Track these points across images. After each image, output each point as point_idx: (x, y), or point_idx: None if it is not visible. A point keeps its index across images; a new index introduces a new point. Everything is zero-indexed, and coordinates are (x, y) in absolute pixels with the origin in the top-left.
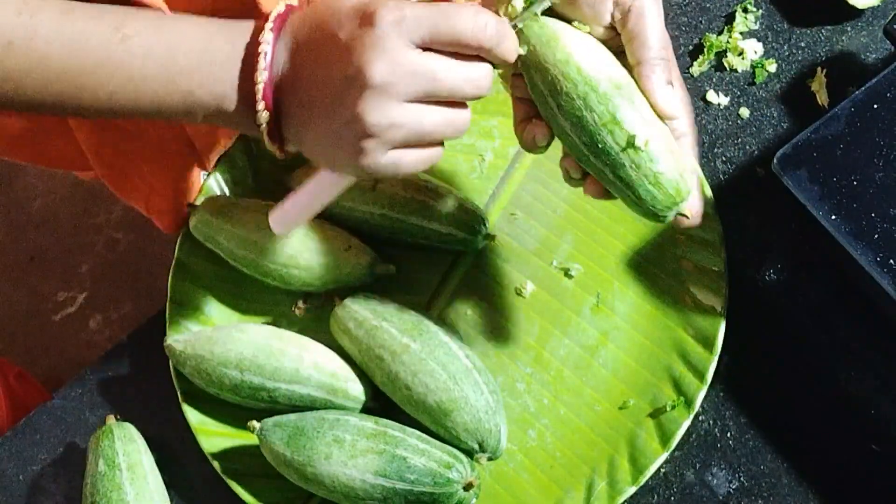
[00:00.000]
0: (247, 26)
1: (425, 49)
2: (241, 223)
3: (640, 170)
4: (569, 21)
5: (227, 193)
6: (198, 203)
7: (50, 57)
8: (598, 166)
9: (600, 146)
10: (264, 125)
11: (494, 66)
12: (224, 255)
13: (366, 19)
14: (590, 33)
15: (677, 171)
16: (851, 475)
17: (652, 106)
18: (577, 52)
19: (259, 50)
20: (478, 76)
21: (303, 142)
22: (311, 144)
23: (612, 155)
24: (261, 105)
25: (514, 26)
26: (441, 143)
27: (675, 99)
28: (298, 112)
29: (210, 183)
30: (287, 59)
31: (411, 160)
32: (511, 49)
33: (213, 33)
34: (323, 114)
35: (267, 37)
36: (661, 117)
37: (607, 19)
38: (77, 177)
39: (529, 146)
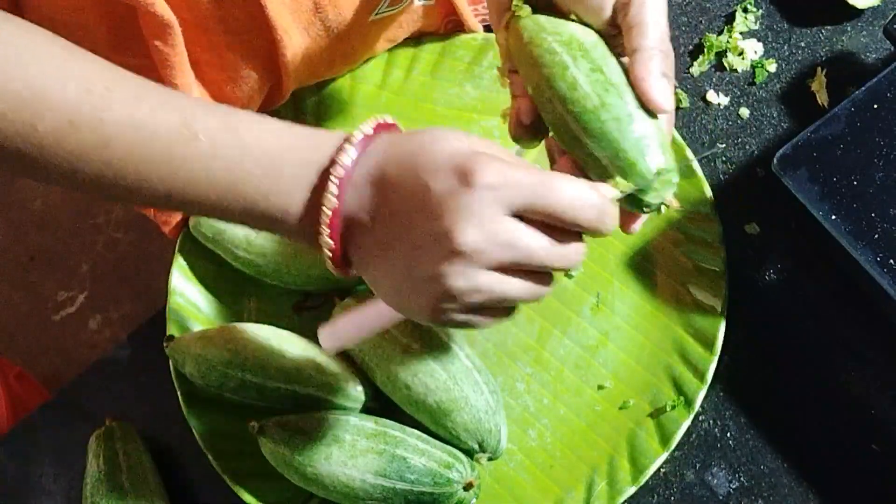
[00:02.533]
0: (329, 142)
1: (520, 217)
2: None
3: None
4: (567, 15)
5: None
6: None
7: (113, 144)
8: (582, 137)
9: (584, 109)
10: (329, 253)
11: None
12: (224, 255)
13: (463, 178)
14: (589, 26)
15: (663, 150)
16: (851, 475)
17: (643, 95)
18: (576, 30)
19: (331, 174)
20: (572, 254)
21: (371, 277)
22: (380, 283)
23: (594, 115)
24: (325, 231)
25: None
26: (515, 308)
27: (669, 92)
28: (374, 248)
29: None
30: (368, 189)
31: (484, 322)
32: (610, 226)
33: (289, 144)
34: (402, 262)
35: (344, 161)
36: (651, 110)
37: (608, 13)
38: None
39: (514, 129)
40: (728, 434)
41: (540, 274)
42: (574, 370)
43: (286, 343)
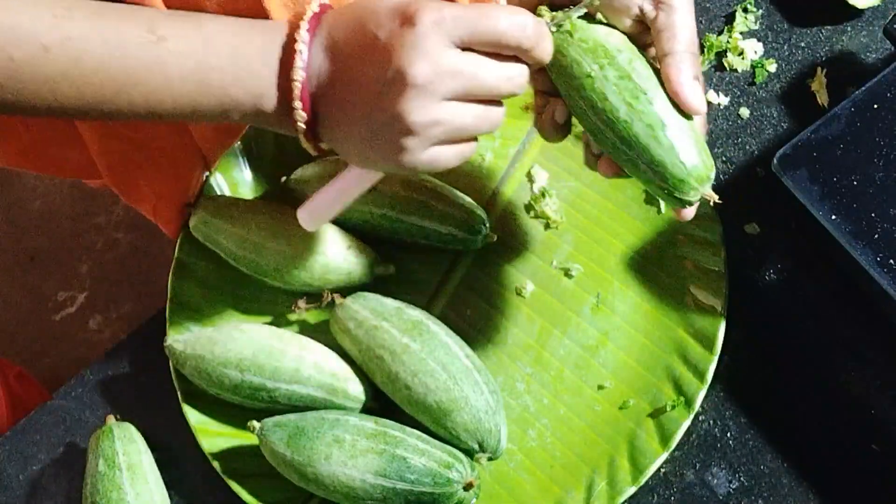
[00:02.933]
0: (281, 25)
1: (464, 49)
2: (241, 223)
3: (660, 142)
4: (593, 16)
5: (227, 193)
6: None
7: (86, 59)
8: (618, 144)
9: (615, 119)
10: (301, 125)
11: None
12: (224, 255)
13: (406, 19)
14: (614, 27)
15: (697, 148)
16: (851, 475)
17: (679, 100)
18: (600, 34)
19: (295, 48)
20: (516, 74)
21: (337, 140)
22: (346, 143)
23: (630, 127)
24: (297, 104)
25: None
26: (475, 138)
27: (702, 94)
28: (335, 112)
29: (210, 183)
30: (323, 57)
31: (448, 155)
32: (548, 50)
33: (248, 31)
34: (361, 113)
35: (303, 35)
36: (685, 111)
37: (635, 11)
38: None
39: (547, 129)
40: (728, 434)
41: (491, 101)
42: (574, 370)
43: (286, 343)
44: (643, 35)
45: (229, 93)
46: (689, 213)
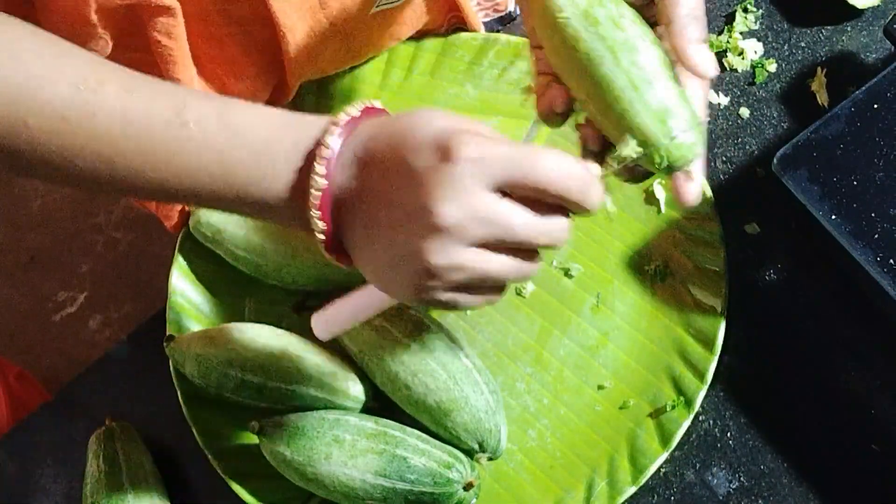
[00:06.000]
0: (317, 126)
1: (503, 193)
2: (241, 223)
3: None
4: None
5: None
6: None
7: (105, 137)
8: (602, 95)
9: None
10: (321, 236)
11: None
12: (224, 255)
13: (445, 153)
14: None
15: (675, 106)
16: (851, 475)
17: (685, 64)
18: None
19: (318, 155)
20: (555, 229)
21: (360, 261)
22: (367, 265)
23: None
24: (315, 214)
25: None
26: (504, 287)
27: (709, 57)
28: (359, 228)
29: None
30: (353, 171)
31: (470, 301)
32: (597, 201)
33: (278, 129)
34: (384, 240)
35: (331, 142)
36: (696, 75)
37: None
38: None
39: (547, 114)
40: (728, 434)
41: (525, 252)
42: (574, 370)
43: (286, 343)
44: (651, 7)
45: (248, 191)
46: (690, 192)
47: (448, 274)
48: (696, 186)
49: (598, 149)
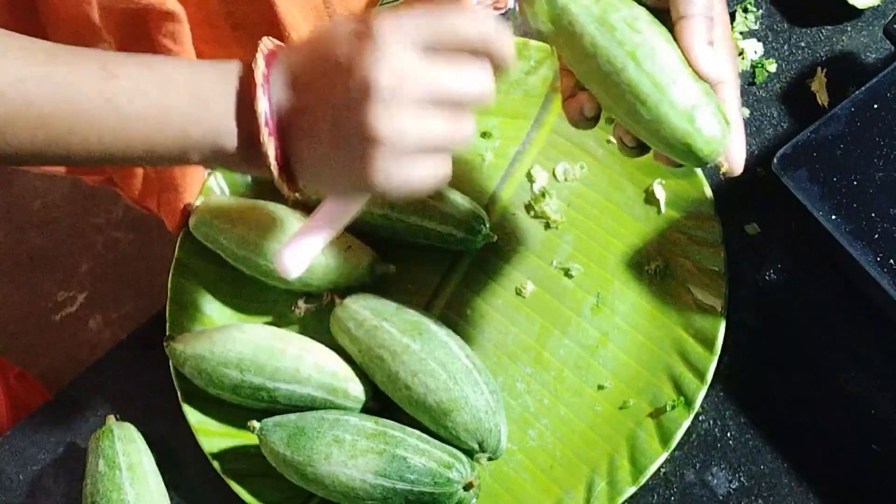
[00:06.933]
0: (236, 63)
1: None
2: (241, 223)
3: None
4: None
5: (227, 193)
6: (198, 203)
7: (38, 101)
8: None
9: (621, 72)
10: (272, 159)
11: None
12: (224, 255)
13: (363, 33)
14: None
15: (693, 104)
16: (851, 475)
17: (692, 64)
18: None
19: (254, 80)
20: (482, 77)
21: (309, 172)
22: (317, 173)
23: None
24: (265, 133)
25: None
26: (448, 153)
27: (714, 59)
28: (302, 142)
29: (210, 183)
30: (285, 90)
31: (422, 173)
32: (509, 47)
33: (203, 70)
34: (328, 135)
35: (260, 65)
36: (701, 76)
37: None
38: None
39: (576, 119)
40: (728, 434)
41: (460, 109)
42: (574, 370)
43: (286, 343)
44: (663, 2)
45: (187, 132)
46: (735, 161)
47: (396, 139)
48: (736, 163)
49: (634, 144)
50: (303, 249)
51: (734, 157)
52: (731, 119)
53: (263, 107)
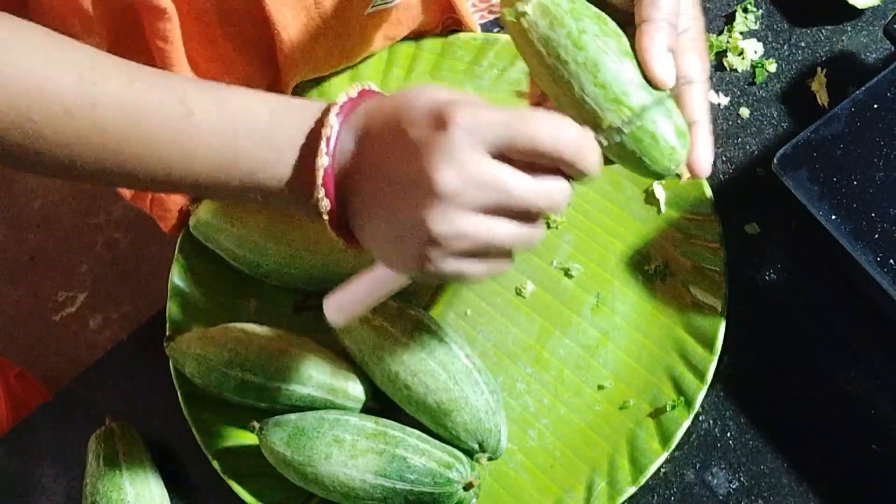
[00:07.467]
0: (317, 108)
1: (500, 157)
2: (242, 223)
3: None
4: None
5: None
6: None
7: (110, 128)
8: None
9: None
10: (326, 215)
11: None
12: (224, 255)
13: (439, 122)
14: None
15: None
16: (851, 475)
17: (645, 67)
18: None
19: (322, 134)
20: (554, 192)
21: (365, 237)
22: (372, 241)
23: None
24: (320, 192)
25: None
26: (510, 255)
27: (669, 66)
28: (361, 207)
29: None
30: (353, 148)
31: (477, 270)
32: (594, 162)
33: (280, 113)
34: (386, 214)
35: (332, 120)
36: (653, 83)
37: None
38: None
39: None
40: (728, 434)
41: (527, 217)
42: (574, 370)
43: (286, 343)
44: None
45: (254, 175)
46: (702, 164)
47: (451, 242)
48: (700, 167)
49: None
50: (347, 307)
51: (699, 160)
52: (697, 120)
53: (323, 163)
